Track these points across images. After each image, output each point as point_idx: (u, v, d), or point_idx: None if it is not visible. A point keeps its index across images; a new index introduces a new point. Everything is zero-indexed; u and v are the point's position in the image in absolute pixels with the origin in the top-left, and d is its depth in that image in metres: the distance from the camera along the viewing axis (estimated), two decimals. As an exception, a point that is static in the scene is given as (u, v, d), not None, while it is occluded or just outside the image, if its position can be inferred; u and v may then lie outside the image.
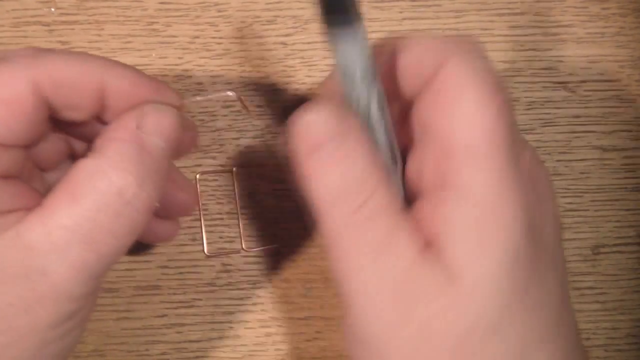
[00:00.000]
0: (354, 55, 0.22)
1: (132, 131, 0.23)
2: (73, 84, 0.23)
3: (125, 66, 0.24)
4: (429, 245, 0.21)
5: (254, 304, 0.32)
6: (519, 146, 0.22)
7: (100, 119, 0.25)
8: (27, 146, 0.24)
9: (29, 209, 0.22)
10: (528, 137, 0.33)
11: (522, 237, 0.21)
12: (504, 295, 0.21)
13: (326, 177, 0.22)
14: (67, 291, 0.22)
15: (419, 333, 0.21)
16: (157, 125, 0.24)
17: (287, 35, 0.32)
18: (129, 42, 0.32)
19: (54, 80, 0.22)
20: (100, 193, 0.22)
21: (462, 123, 0.21)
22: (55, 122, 0.24)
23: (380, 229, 0.21)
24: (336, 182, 0.22)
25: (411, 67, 0.23)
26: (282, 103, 0.32)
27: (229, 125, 0.32)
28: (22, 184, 0.24)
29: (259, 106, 0.32)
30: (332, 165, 0.22)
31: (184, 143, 0.26)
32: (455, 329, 0.21)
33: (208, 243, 0.32)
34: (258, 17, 0.32)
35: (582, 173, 0.33)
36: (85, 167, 0.22)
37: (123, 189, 0.22)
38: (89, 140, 0.26)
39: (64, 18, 0.32)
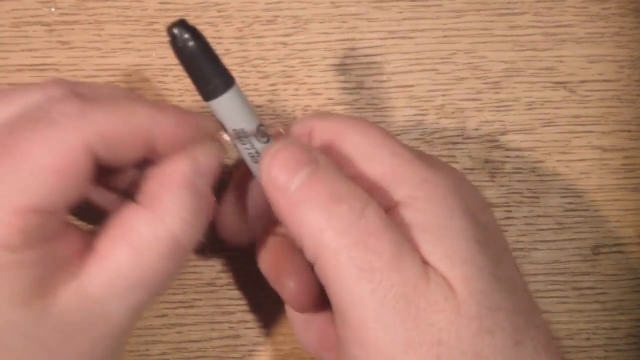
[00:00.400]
0: (237, 115, 0.24)
1: (188, 177, 0.23)
2: (123, 140, 0.22)
3: (169, 108, 0.24)
4: None
5: (254, 304, 0.32)
6: (421, 154, 0.24)
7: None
8: None
9: (80, 250, 0.23)
10: (528, 137, 0.33)
11: (471, 224, 0.22)
12: (487, 283, 0.21)
13: (315, 189, 0.22)
14: (124, 328, 0.23)
15: (432, 350, 0.21)
16: (208, 168, 0.24)
17: (287, 35, 0.32)
18: (129, 42, 0.32)
19: (104, 140, 0.22)
20: (162, 244, 0.22)
21: (374, 163, 0.23)
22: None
23: (387, 243, 0.21)
24: (326, 196, 0.22)
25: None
26: (282, 103, 0.32)
27: (229, 125, 0.32)
28: (69, 228, 0.24)
29: (258, 106, 0.32)
30: (318, 182, 0.22)
31: None
32: (466, 336, 0.21)
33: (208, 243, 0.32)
34: (258, 17, 0.32)
35: (582, 173, 0.33)
36: (145, 217, 0.23)
37: (183, 238, 0.23)
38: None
39: (64, 18, 0.32)
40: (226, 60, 0.32)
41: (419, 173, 0.23)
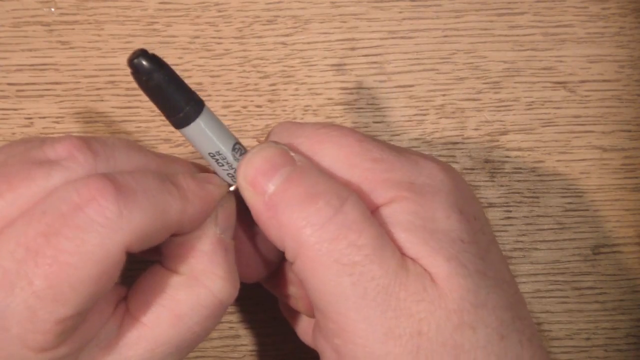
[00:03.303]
0: (211, 139, 0.23)
1: (218, 239, 0.23)
2: (156, 235, 0.22)
3: (196, 190, 0.23)
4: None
5: (254, 304, 0.32)
6: (403, 152, 0.24)
7: None
8: None
9: (113, 309, 0.23)
10: (528, 137, 0.33)
11: (458, 222, 0.22)
12: (472, 280, 0.21)
13: (292, 190, 0.22)
14: None
15: (412, 340, 0.21)
16: (228, 222, 0.24)
17: (287, 35, 0.32)
18: (129, 42, 0.32)
19: (139, 238, 0.21)
20: (203, 307, 0.23)
21: (356, 172, 0.23)
22: None
23: (367, 236, 0.21)
24: (303, 194, 0.22)
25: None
26: (282, 103, 0.32)
27: (228, 125, 0.32)
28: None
29: (258, 106, 0.32)
30: (296, 179, 0.22)
31: None
32: (446, 328, 0.21)
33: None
34: (258, 17, 0.32)
35: (582, 173, 0.33)
36: (183, 283, 0.23)
37: (221, 295, 0.23)
38: None
39: (64, 18, 0.32)
40: (226, 60, 0.32)
41: (404, 176, 0.23)
